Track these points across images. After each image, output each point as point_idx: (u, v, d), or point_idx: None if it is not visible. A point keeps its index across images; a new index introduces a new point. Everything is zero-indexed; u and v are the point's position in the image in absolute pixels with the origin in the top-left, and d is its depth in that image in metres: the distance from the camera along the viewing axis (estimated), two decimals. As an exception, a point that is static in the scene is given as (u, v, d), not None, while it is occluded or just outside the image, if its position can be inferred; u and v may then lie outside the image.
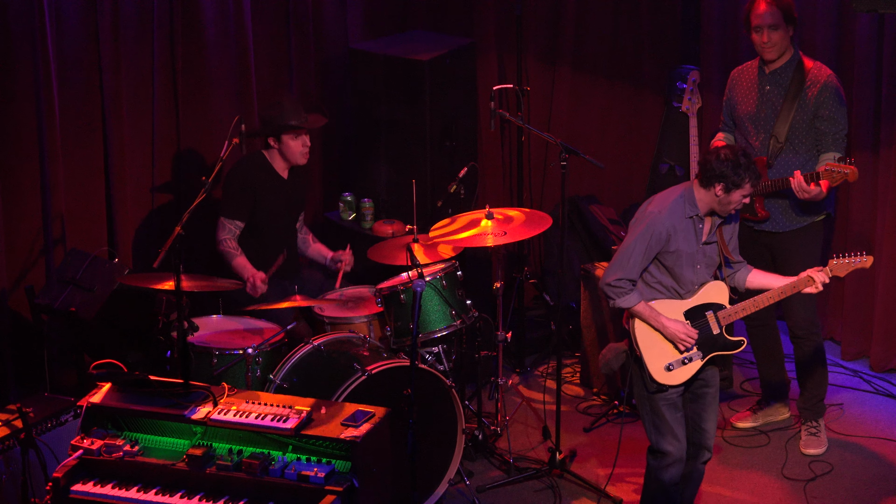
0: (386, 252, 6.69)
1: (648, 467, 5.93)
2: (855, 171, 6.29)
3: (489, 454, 6.82)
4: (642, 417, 5.86)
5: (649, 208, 5.68)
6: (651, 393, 5.75)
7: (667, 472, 5.85)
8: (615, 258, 5.70)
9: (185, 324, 5.92)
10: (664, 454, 5.82)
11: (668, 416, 5.77)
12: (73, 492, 5.30)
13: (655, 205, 5.67)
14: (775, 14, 6.43)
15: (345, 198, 7.68)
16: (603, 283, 5.70)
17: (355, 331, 6.51)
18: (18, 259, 6.72)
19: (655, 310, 5.68)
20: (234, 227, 6.75)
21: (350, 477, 5.16)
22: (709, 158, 5.60)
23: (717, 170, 5.55)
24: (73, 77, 6.82)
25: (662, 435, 5.80)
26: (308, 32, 7.77)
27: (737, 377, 7.53)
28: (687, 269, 5.69)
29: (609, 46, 8.25)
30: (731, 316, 5.78)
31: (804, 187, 6.34)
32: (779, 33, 6.46)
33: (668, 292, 5.73)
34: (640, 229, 5.64)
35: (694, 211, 5.65)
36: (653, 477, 5.91)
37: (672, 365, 5.73)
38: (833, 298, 7.89)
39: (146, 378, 5.43)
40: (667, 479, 5.86)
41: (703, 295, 5.74)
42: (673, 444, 5.80)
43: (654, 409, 5.78)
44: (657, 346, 5.72)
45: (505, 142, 8.24)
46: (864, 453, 6.84)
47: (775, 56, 6.51)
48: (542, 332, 7.90)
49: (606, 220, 8.00)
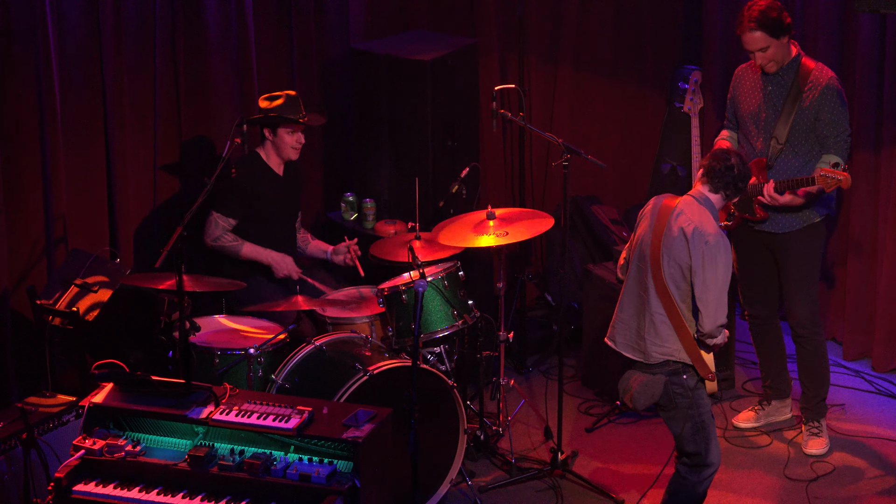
0: (387, 252, 6.69)
1: (682, 480, 5.83)
2: (848, 178, 6.27)
3: (491, 454, 6.82)
4: (685, 436, 5.73)
5: (710, 238, 5.52)
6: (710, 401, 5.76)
7: (704, 484, 5.82)
8: (714, 298, 5.53)
9: (187, 324, 5.92)
10: (708, 466, 5.78)
11: (714, 428, 5.77)
12: (74, 492, 5.29)
13: (710, 231, 5.55)
14: (761, 38, 6.40)
15: (347, 198, 7.68)
16: (713, 327, 5.56)
17: (357, 331, 6.51)
18: (20, 259, 6.71)
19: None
20: (227, 224, 6.77)
21: (352, 477, 5.15)
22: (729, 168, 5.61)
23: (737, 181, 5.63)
24: (74, 77, 6.82)
25: (711, 449, 5.76)
26: (310, 32, 7.77)
27: (738, 377, 7.53)
28: None
29: (611, 47, 8.25)
30: None
31: (774, 196, 6.42)
32: (771, 51, 6.44)
33: None
34: (721, 259, 5.51)
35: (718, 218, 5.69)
36: (687, 492, 5.83)
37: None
38: (835, 299, 7.89)
39: (148, 378, 5.43)
40: (702, 492, 5.85)
41: None
42: (717, 455, 5.79)
43: (708, 425, 5.73)
44: (711, 359, 5.72)
45: (507, 142, 8.24)
46: (866, 453, 6.83)
47: (775, 69, 6.51)
48: (544, 333, 7.91)
49: (608, 221, 8.01)
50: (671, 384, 5.67)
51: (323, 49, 7.89)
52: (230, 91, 7.39)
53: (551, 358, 7.75)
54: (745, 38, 6.44)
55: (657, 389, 5.68)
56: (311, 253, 7.11)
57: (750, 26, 6.40)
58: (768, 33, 6.39)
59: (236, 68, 7.39)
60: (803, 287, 6.68)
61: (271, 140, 6.82)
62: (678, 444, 5.79)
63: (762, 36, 6.40)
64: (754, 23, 6.39)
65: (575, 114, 8.33)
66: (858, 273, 7.72)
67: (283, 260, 6.81)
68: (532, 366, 7.76)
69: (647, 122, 8.26)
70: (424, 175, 7.38)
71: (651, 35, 8.17)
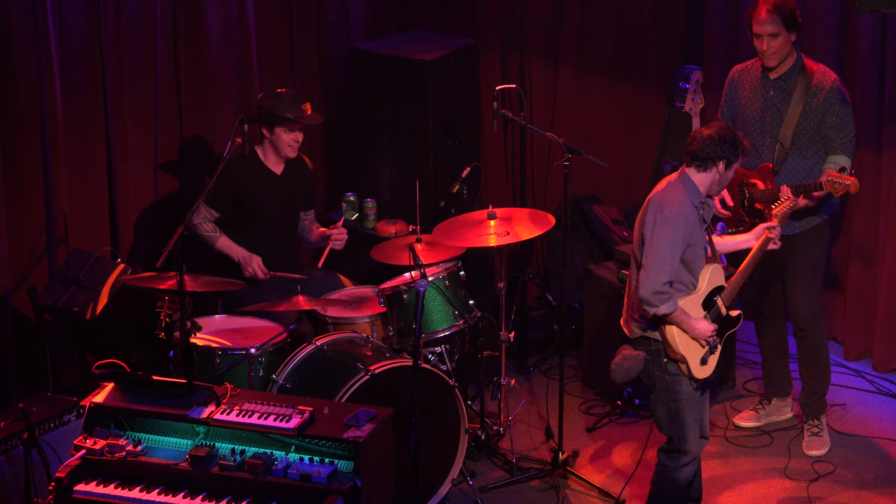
0: (389, 252, 6.69)
1: (661, 467, 5.91)
2: (856, 183, 6.27)
3: (492, 454, 6.81)
4: (661, 419, 5.82)
5: (668, 209, 5.59)
6: (695, 389, 5.75)
7: (683, 471, 5.85)
8: (652, 264, 5.56)
9: (188, 323, 5.92)
10: (684, 453, 5.82)
11: (694, 416, 5.78)
12: (75, 492, 5.29)
13: (670, 203, 5.60)
14: (776, 22, 6.40)
15: (348, 198, 7.68)
16: (649, 293, 5.56)
17: (358, 331, 6.50)
18: (21, 259, 6.71)
19: (685, 312, 5.67)
20: (209, 215, 6.76)
21: (353, 477, 5.15)
22: (703, 144, 5.61)
23: (718, 151, 5.61)
24: (75, 77, 6.81)
25: (686, 436, 5.79)
26: (311, 32, 7.77)
27: (739, 377, 7.53)
28: (700, 259, 5.71)
29: (612, 46, 8.25)
30: (730, 295, 5.83)
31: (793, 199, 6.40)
32: (779, 41, 6.43)
33: (687, 288, 5.71)
34: (669, 230, 5.55)
35: (699, 198, 5.66)
36: (666, 477, 5.89)
37: (705, 357, 5.75)
38: (836, 298, 7.89)
39: (149, 378, 5.43)
40: (682, 479, 5.87)
41: (709, 282, 5.75)
42: (694, 444, 5.81)
43: (684, 411, 5.76)
44: (692, 344, 5.71)
45: (508, 142, 8.24)
46: (867, 454, 6.83)
47: (776, 63, 6.50)
48: (545, 332, 7.90)
49: (609, 220, 8.01)
50: (653, 364, 5.74)
51: (324, 49, 7.89)
52: (231, 91, 7.39)
53: (552, 358, 7.74)
54: (759, 21, 6.40)
55: (635, 366, 5.75)
56: (315, 241, 7.10)
57: (767, 8, 6.38)
58: (783, 22, 6.39)
59: (237, 68, 7.39)
60: (807, 285, 6.68)
61: (269, 138, 6.82)
62: (657, 425, 5.87)
63: (777, 21, 6.38)
64: (772, 5, 6.38)
65: (576, 113, 8.32)
66: (859, 273, 7.71)
67: (250, 258, 6.76)
68: (533, 366, 7.75)
69: (648, 121, 8.26)
70: (425, 175, 7.38)
71: (652, 35, 8.17)
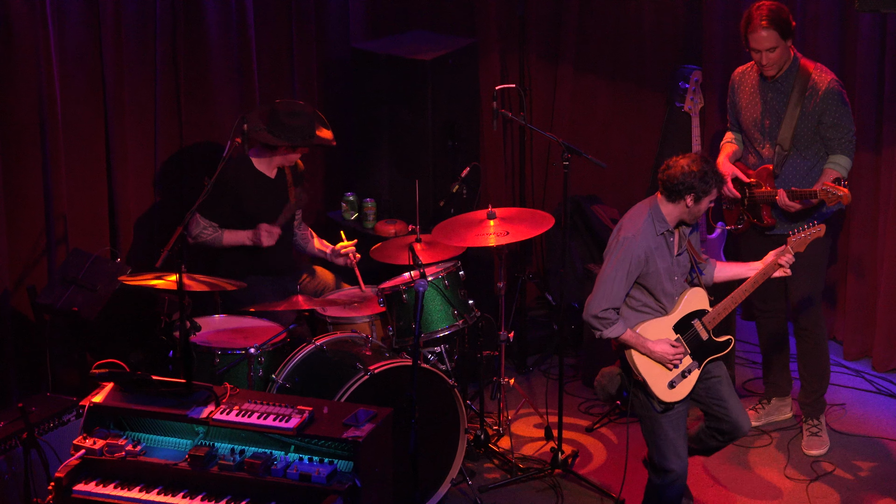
0: (388, 252, 6.69)
1: (651, 484, 5.94)
2: (848, 195, 6.24)
3: (491, 454, 6.81)
4: (645, 437, 5.88)
5: (622, 234, 5.65)
6: (659, 412, 5.76)
7: (670, 489, 5.87)
8: (597, 289, 5.66)
9: (188, 323, 5.92)
10: (667, 472, 5.83)
11: (672, 435, 5.79)
12: (75, 491, 5.30)
13: (627, 229, 5.65)
14: (771, 37, 6.36)
15: (347, 198, 7.68)
16: (588, 316, 5.66)
17: (358, 331, 6.51)
18: (20, 259, 6.71)
19: (641, 336, 5.70)
20: (208, 226, 6.75)
21: (352, 477, 5.15)
22: (672, 174, 5.59)
23: (684, 183, 5.58)
24: (75, 77, 6.81)
25: (665, 455, 5.81)
26: (310, 32, 7.77)
27: (739, 377, 7.53)
28: (667, 284, 5.72)
29: (611, 46, 8.24)
30: (714, 319, 5.82)
31: (788, 203, 6.44)
32: (777, 52, 6.41)
33: (655, 311, 5.75)
34: (618, 256, 5.62)
35: (664, 227, 5.68)
36: (657, 493, 5.91)
37: (674, 381, 5.76)
38: (836, 298, 7.89)
39: (148, 378, 5.43)
40: (671, 496, 5.88)
41: (686, 305, 5.78)
42: (676, 462, 5.81)
43: (658, 429, 5.79)
44: (655, 367, 5.74)
45: (507, 141, 8.24)
46: (867, 453, 6.83)
47: (775, 72, 6.49)
48: (545, 332, 7.90)
49: (609, 220, 8.01)
50: (628, 381, 5.78)
51: (323, 49, 7.89)
52: (230, 91, 7.39)
53: (552, 357, 7.74)
54: (755, 37, 6.38)
55: (611, 384, 5.82)
56: (313, 252, 7.10)
57: (762, 24, 6.33)
58: (779, 34, 6.36)
59: (236, 68, 7.39)
60: (809, 284, 6.68)
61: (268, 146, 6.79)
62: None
63: (774, 35, 6.35)
64: (767, 21, 6.32)
65: (575, 113, 8.32)
66: (859, 273, 7.71)
67: (257, 231, 6.73)
68: (532, 365, 7.76)
69: (647, 121, 8.26)
70: (425, 175, 7.38)
71: (651, 35, 8.16)
